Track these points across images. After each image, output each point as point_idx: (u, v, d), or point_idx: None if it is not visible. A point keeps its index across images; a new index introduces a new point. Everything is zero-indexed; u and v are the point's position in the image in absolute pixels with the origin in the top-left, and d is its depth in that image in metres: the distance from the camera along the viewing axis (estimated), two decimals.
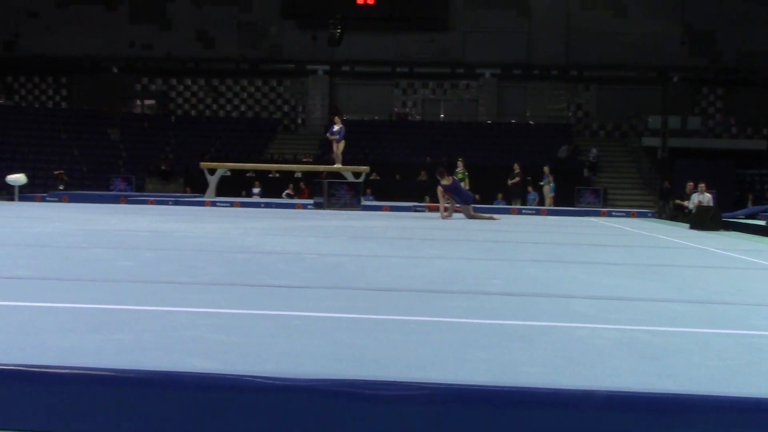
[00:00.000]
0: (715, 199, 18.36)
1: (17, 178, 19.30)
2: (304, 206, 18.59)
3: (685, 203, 19.31)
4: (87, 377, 2.31)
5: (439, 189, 13.52)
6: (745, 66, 33.03)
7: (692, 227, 13.25)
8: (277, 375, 2.32)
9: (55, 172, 26.47)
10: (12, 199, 19.83)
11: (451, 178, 13.62)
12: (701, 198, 18.05)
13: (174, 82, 36.67)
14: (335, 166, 19.44)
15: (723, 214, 14.04)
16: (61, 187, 25.08)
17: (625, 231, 11.97)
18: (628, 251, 8.12)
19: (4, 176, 20.59)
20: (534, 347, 2.87)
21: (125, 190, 25.23)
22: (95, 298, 3.79)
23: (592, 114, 35.19)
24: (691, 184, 19.88)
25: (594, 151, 30.48)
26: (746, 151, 30.98)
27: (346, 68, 34.99)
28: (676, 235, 11.18)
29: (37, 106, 35.61)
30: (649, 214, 20.12)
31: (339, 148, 18.97)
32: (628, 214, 19.48)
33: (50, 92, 37.09)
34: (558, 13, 34.25)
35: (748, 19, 32.35)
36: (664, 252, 8.27)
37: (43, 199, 19.74)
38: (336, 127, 19.00)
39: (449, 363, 2.57)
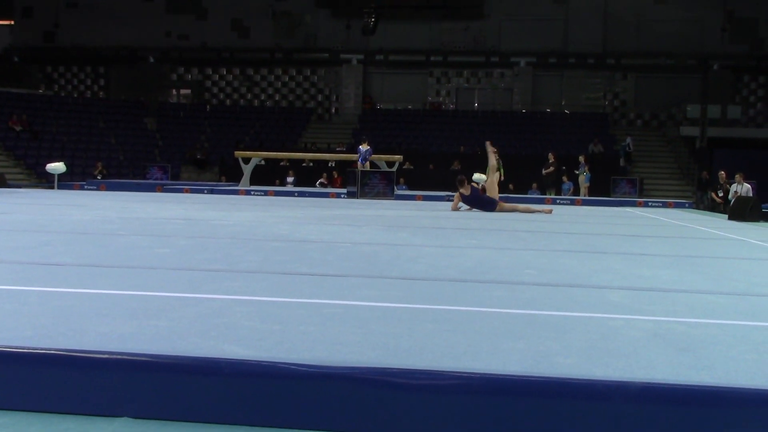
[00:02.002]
0: (755, 189, 18.02)
1: (57, 167, 19.65)
2: (338, 195, 18.65)
3: (719, 199, 18.99)
4: (124, 362, 2.36)
5: (457, 195, 13.00)
6: None
7: (731, 218, 13.03)
8: (311, 362, 2.34)
9: (95, 173, 26.87)
10: (52, 187, 20.21)
11: (470, 187, 12.92)
12: (739, 188, 17.73)
13: (209, 71, 36.98)
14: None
15: (763, 205, 13.78)
16: (99, 177, 25.49)
17: (662, 221, 11.81)
18: (665, 242, 8.01)
19: (45, 165, 20.98)
20: (568, 338, 2.85)
21: (161, 179, 25.55)
22: (133, 285, 3.86)
23: (629, 103, 34.71)
24: (723, 173, 19.52)
25: (628, 139, 30.05)
26: None
27: (380, 57, 34.95)
28: (715, 225, 11.00)
29: (75, 95, 36.19)
30: (687, 205, 19.81)
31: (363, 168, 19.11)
32: (665, 205, 19.21)
33: (88, 82, 37.66)
34: (595, 0, 33.78)
35: None
36: (702, 243, 8.15)
37: (81, 188, 20.08)
38: (362, 149, 19.21)
39: (482, 352, 2.57)
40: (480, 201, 12.77)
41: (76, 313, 3.06)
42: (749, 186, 17.83)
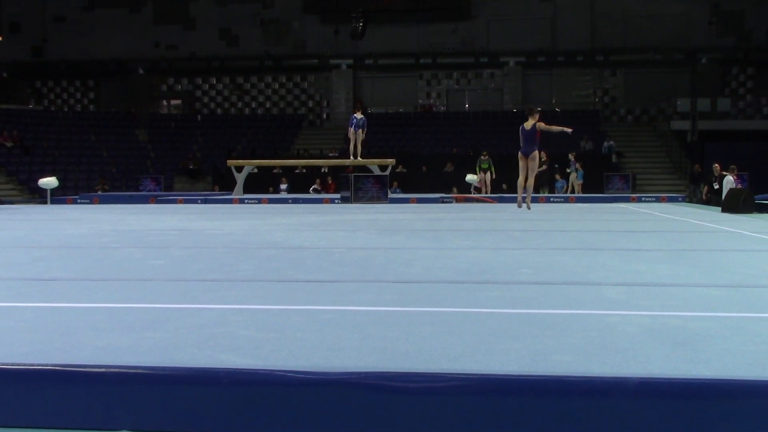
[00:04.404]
0: (747, 180, 18.08)
1: (49, 182, 19.61)
2: (332, 201, 18.65)
3: (711, 190, 19.08)
4: (122, 375, 2.35)
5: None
6: None
7: (724, 210, 13.07)
8: (308, 369, 2.34)
9: (97, 188, 26.82)
10: (44, 202, 20.15)
11: (533, 122, 12.34)
12: (731, 182, 17.80)
13: (199, 81, 36.95)
14: (358, 159, 19.45)
15: (756, 197, 13.83)
16: (100, 191, 25.46)
17: (656, 216, 11.84)
18: (659, 236, 8.03)
19: (37, 180, 20.93)
20: (564, 335, 2.86)
21: (154, 190, 25.50)
22: (128, 298, 3.85)
23: (620, 99, 34.80)
24: (718, 165, 19.61)
25: (610, 142, 30.04)
26: None
27: (369, 61, 34.96)
28: (708, 218, 11.03)
29: (66, 109, 36.11)
30: (680, 199, 19.87)
31: (356, 137, 18.96)
32: (659, 199, 19.26)
33: (78, 95, 37.58)
34: None
35: None
36: (696, 236, 8.17)
37: (74, 201, 20.03)
38: (356, 117, 19.02)
39: (480, 353, 2.57)
40: (527, 138, 12.49)
41: (72, 327, 3.06)
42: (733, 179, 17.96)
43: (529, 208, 12.95)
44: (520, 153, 12.66)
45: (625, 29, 33.45)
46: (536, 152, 12.46)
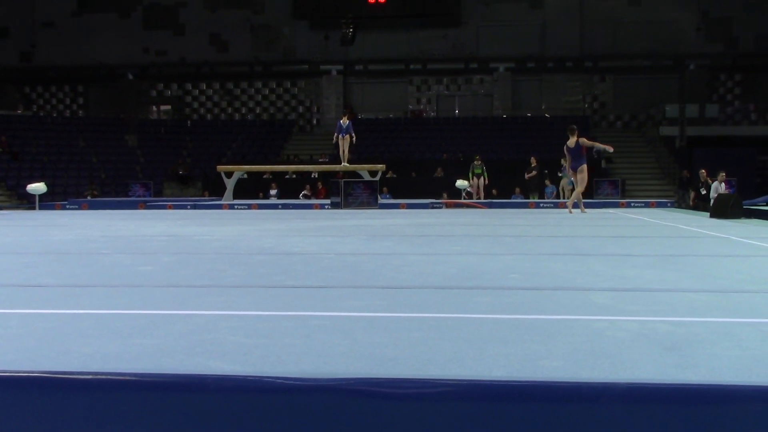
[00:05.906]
0: (735, 186, 18.21)
1: (37, 187, 19.52)
2: (322, 206, 18.63)
3: (699, 195, 19.22)
4: (109, 382, 2.34)
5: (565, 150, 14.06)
6: (763, 51, 32.68)
7: (712, 216, 13.12)
8: (297, 375, 2.34)
9: (86, 194, 26.76)
10: (33, 208, 20.04)
11: (575, 139, 13.70)
12: (720, 187, 17.92)
13: (189, 87, 36.88)
14: (344, 164, 19.48)
15: (744, 202, 13.89)
16: (89, 197, 25.35)
17: (645, 221, 11.89)
18: (648, 242, 8.06)
19: (25, 185, 20.82)
20: (553, 341, 2.86)
21: (144, 196, 25.41)
22: (116, 304, 3.83)
23: (609, 105, 34.97)
24: (704, 171, 19.73)
25: (598, 147, 30.15)
26: (766, 138, 30.60)
27: (359, 67, 35.01)
28: (696, 224, 11.09)
29: (55, 115, 35.96)
30: (669, 204, 19.96)
31: (344, 143, 19.07)
32: (648, 205, 19.35)
33: (67, 101, 37.44)
34: (571, 4, 34.04)
35: (765, 3, 32.00)
36: (684, 241, 8.21)
37: (63, 207, 19.92)
38: (342, 123, 19.20)
39: (468, 359, 2.57)
40: (576, 154, 13.84)
41: (60, 334, 3.04)
42: (724, 185, 18.07)
43: (583, 211, 14.30)
44: (570, 169, 14.51)
45: (614, 36, 33.66)
46: (584, 166, 14.03)
